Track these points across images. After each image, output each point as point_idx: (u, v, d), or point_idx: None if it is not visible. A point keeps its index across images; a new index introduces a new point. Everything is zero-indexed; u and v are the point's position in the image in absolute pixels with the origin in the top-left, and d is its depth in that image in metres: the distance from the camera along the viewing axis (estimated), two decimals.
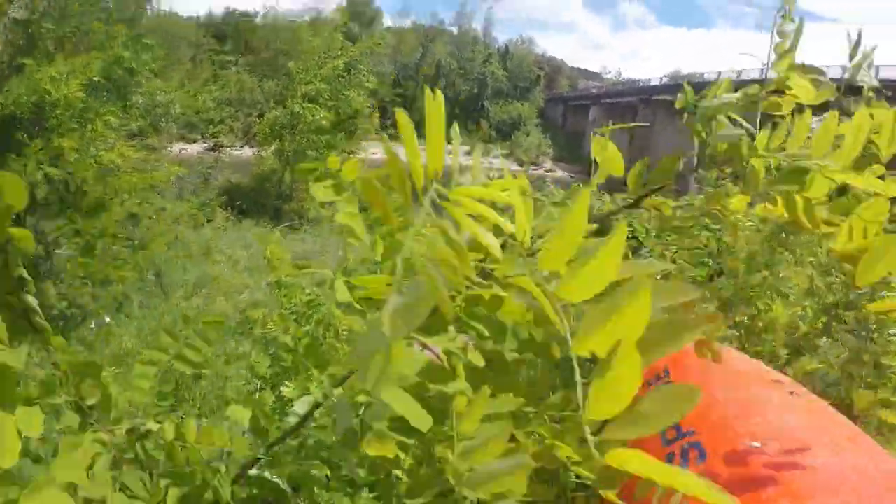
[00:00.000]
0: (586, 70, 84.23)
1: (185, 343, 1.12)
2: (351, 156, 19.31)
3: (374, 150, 48.20)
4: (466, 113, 55.76)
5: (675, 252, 3.92)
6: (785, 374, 1.82)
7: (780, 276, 3.34)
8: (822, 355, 2.90)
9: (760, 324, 3.20)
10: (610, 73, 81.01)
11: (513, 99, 58.95)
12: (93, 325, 5.33)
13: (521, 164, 49.26)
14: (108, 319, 5.42)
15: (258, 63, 42.84)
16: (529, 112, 57.86)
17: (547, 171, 47.70)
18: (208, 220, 11.35)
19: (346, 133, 15.40)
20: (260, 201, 14.42)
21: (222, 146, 31.12)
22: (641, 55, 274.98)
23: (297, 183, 14.36)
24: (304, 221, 13.09)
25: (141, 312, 6.58)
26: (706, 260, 3.82)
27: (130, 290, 6.67)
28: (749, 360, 1.71)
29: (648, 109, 46.14)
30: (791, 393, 1.38)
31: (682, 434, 1.21)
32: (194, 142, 31.47)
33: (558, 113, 63.11)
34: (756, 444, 1.13)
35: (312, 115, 13.85)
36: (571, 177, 42.25)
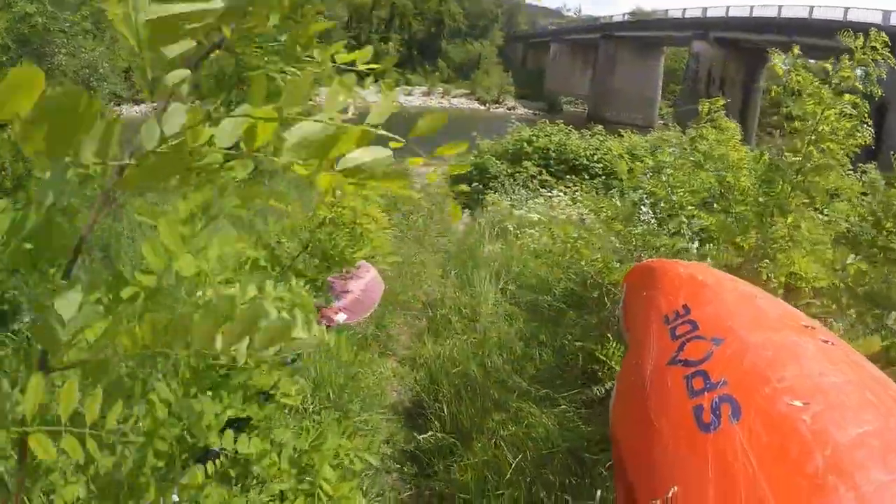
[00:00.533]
0: (545, 8, 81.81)
1: None
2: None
3: None
4: (423, 54, 55.68)
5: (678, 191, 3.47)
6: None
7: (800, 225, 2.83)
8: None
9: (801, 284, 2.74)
10: (570, 10, 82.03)
11: (471, 39, 58.78)
12: (27, 320, 4.05)
13: (483, 103, 50.08)
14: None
15: None
16: (489, 51, 58.17)
17: (509, 110, 47.49)
18: None
19: None
20: None
21: None
22: None
23: None
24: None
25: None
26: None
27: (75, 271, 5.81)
28: (774, 299, 1.52)
29: (610, 45, 46.65)
30: (826, 341, 1.24)
31: (711, 385, 1.08)
32: (143, 102, 28.04)
33: (518, 51, 63.05)
34: (797, 402, 1.01)
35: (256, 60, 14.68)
36: (535, 114, 41.41)
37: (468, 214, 10.34)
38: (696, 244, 3.30)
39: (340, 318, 2.28)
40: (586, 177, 12.70)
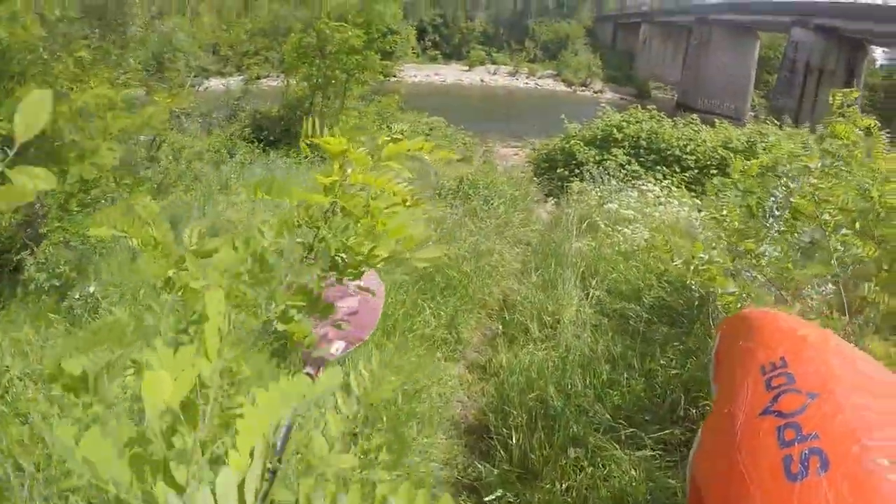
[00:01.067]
0: None
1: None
2: (390, 79, 18.64)
3: (415, 73, 44.43)
4: (510, 32, 54.25)
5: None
6: None
7: None
8: None
9: None
10: None
11: (559, 17, 56.73)
12: (77, 297, 4.37)
13: (569, 85, 48.46)
14: (91, 289, 4.41)
15: None
16: (577, 31, 56.14)
17: (596, 93, 45.92)
18: (231, 155, 10.58)
19: (382, 54, 14.50)
20: (290, 130, 13.25)
21: (257, 78, 27.73)
22: None
23: (329, 109, 13.56)
24: None
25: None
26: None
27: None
28: (874, 362, 1.48)
29: (704, 29, 44.53)
30: None
31: (802, 437, 1.10)
32: (230, 76, 28.48)
33: (608, 32, 60.53)
34: (884, 461, 1.02)
35: (340, 34, 12.87)
36: (622, 98, 40.71)
37: (553, 203, 9.82)
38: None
39: (338, 348, 1.79)
40: (677, 169, 11.92)
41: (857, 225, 2.63)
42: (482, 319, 4.77)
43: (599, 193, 7.91)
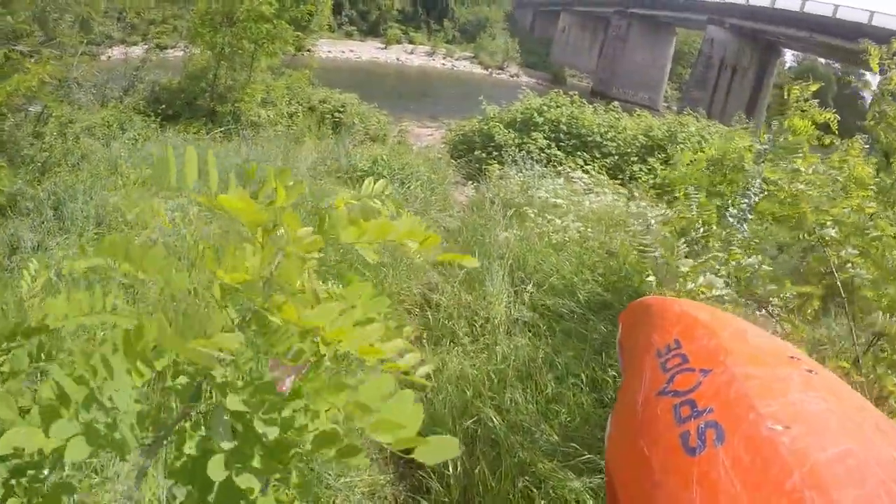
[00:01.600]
0: None
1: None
2: (303, 53, 16.89)
3: (329, 49, 42.39)
4: (428, 12, 54.10)
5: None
6: None
7: None
8: None
9: None
10: None
11: (479, 1, 57.06)
12: None
13: (486, 67, 48.62)
14: None
15: None
16: (496, 15, 56.80)
17: (513, 76, 46.26)
18: (123, 131, 9.63)
19: (295, 26, 13.69)
20: (192, 104, 12.64)
21: (164, 48, 27.18)
22: None
23: (235, 81, 12.85)
24: (243, 126, 11.53)
25: (36, 258, 4.32)
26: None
27: (22, 228, 5.10)
28: (765, 334, 1.53)
29: (623, 21, 45.44)
30: (810, 371, 1.27)
31: (697, 412, 1.13)
32: (134, 45, 27.52)
33: (527, 18, 61.46)
34: (778, 426, 1.06)
35: (251, 1, 12.03)
36: (539, 83, 41.09)
37: (473, 187, 9.42)
38: None
39: (289, 382, 1.49)
40: (598, 155, 11.84)
41: (852, 240, 2.47)
42: (401, 313, 4.29)
43: (522, 178, 7.61)
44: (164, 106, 12.29)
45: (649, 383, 1.31)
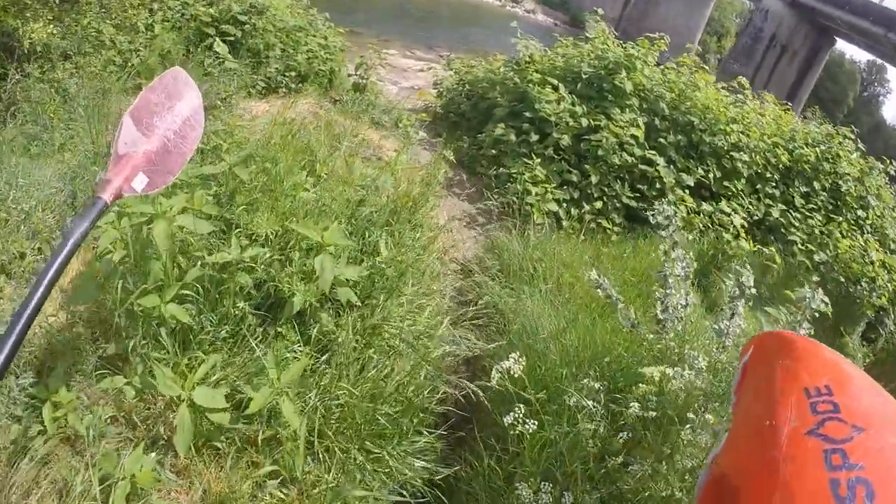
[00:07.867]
0: None
1: None
2: None
3: None
4: None
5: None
6: None
7: None
8: None
9: None
10: None
11: None
12: None
13: None
14: None
15: None
16: None
17: (527, 12, 41.10)
18: None
19: None
20: None
21: None
22: None
23: None
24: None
25: None
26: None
27: None
28: None
29: None
30: None
31: (849, 465, 1.04)
32: None
33: None
34: None
35: None
36: (556, 24, 36.87)
37: (483, 206, 4.28)
38: None
39: (139, 184, 1.42)
40: (717, 171, 6.73)
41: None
42: None
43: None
44: None
45: (796, 417, 1.18)
